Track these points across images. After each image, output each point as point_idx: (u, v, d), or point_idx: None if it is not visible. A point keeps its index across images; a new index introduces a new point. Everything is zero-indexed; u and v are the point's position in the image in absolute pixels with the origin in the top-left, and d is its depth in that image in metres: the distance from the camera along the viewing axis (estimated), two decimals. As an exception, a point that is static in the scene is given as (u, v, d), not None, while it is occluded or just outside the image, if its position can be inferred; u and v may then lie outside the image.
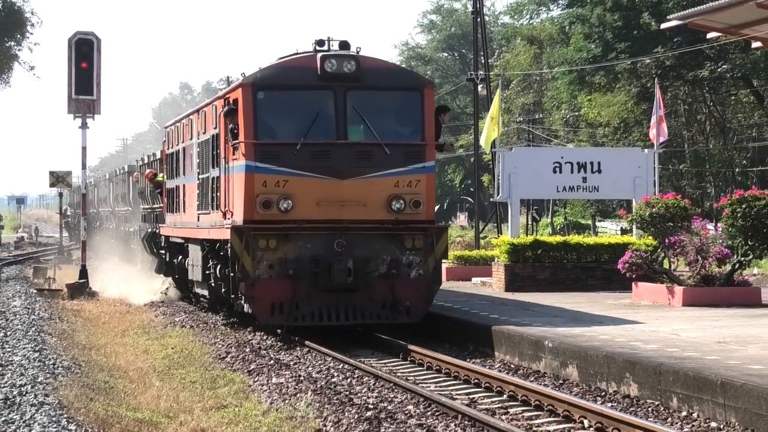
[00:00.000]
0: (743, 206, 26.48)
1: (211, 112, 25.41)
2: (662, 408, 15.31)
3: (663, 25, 38.12)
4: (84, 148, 40.58)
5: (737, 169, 64.10)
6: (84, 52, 39.19)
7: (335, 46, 23.28)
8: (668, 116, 62.38)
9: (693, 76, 60.42)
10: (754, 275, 32.01)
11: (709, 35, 35.82)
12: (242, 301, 22.99)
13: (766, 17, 29.57)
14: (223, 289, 24.59)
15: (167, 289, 34.23)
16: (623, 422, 13.92)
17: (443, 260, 24.63)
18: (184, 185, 29.52)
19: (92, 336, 25.75)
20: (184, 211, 29.36)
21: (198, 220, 26.89)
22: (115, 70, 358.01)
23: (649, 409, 15.34)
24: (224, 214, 23.59)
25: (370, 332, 23.32)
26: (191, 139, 28.25)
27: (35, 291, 39.72)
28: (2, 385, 17.14)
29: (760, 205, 26.33)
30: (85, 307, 33.40)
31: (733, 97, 65.84)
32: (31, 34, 72.70)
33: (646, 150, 37.49)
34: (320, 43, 23.01)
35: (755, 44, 35.17)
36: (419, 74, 36.22)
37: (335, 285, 21.99)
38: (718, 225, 30.17)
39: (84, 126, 39.60)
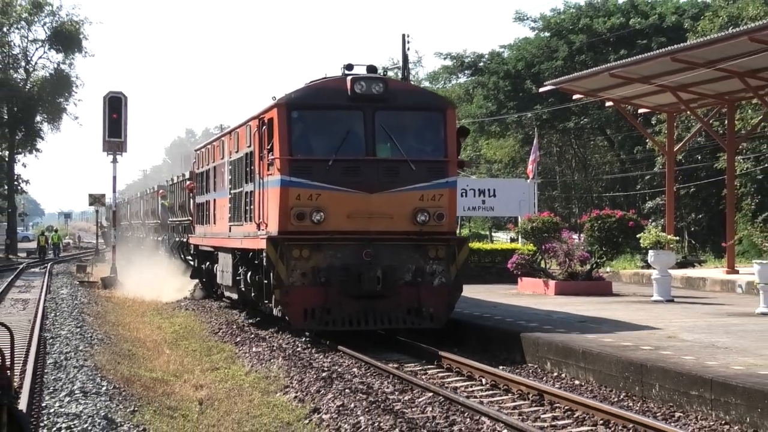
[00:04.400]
0: (599, 222, 26.74)
1: (245, 132, 21.41)
2: (540, 370, 15.36)
3: (541, 89, 38.43)
4: (114, 177, 40.67)
5: (595, 195, 64.54)
6: (115, 106, 39.05)
7: (363, 70, 19.40)
8: (544, 156, 62.81)
9: (563, 127, 60.89)
10: (607, 272, 32.14)
11: (575, 96, 36.08)
12: (272, 305, 19.14)
13: (616, 84, 29.86)
14: (252, 294, 20.98)
15: (194, 289, 31.07)
16: (510, 380, 13.98)
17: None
18: (214, 200, 25.62)
19: (119, 316, 25.55)
20: (214, 223, 25.54)
21: (230, 231, 23.16)
22: (138, 116, 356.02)
23: (530, 370, 15.39)
24: (258, 226, 19.71)
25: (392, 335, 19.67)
26: (222, 158, 24.32)
27: (78, 282, 39.47)
28: (53, 353, 17.00)
29: (611, 222, 26.59)
30: (115, 295, 33.16)
31: (592, 142, 66.41)
32: (76, 92, 73.19)
33: (528, 181, 37.70)
34: (349, 67, 19.07)
35: (608, 103, 35.49)
36: (442, 96, 30.65)
37: (364, 292, 18.08)
38: (581, 235, 30.29)
39: (114, 161, 39.52)
